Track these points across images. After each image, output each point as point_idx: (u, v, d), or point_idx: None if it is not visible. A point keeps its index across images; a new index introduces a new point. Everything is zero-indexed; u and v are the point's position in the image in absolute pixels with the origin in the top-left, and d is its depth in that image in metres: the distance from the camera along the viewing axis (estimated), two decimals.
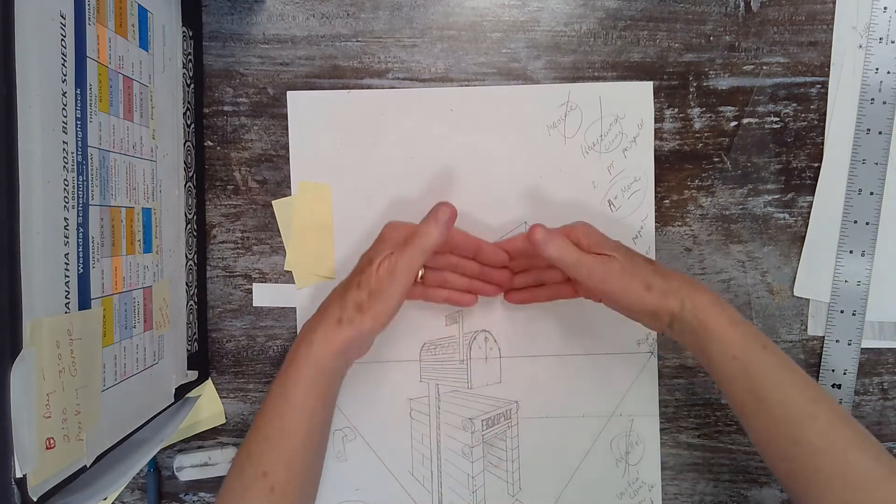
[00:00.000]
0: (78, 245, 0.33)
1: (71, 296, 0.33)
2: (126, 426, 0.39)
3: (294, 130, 0.50)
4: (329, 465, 0.51)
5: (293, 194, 0.51)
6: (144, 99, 0.41)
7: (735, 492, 0.52)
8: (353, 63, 0.50)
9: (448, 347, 0.51)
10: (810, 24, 0.49)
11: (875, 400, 0.51)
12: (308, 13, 0.50)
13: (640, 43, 0.50)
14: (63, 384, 0.31)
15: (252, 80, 0.50)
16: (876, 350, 0.51)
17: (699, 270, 0.51)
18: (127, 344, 0.39)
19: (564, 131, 0.50)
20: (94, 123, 0.35)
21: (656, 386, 0.51)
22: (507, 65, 0.50)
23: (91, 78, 0.35)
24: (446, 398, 0.51)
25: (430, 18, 0.50)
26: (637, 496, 0.51)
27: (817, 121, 0.50)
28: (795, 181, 0.50)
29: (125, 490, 0.52)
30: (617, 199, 0.50)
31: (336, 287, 0.43)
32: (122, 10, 0.38)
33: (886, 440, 0.51)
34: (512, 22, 0.50)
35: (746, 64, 0.50)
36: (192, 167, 0.48)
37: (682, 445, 0.52)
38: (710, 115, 0.50)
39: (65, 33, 0.32)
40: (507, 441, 0.51)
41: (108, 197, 0.37)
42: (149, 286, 0.42)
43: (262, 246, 0.51)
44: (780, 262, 0.51)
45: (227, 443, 0.52)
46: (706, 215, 0.51)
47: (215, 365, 0.51)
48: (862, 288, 0.50)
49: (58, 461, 0.31)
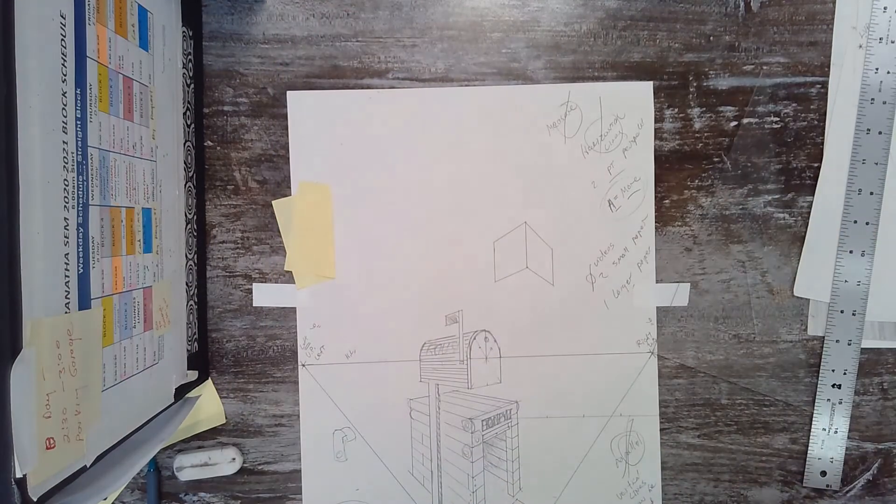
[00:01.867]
0: (78, 245, 0.33)
1: (71, 296, 0.33)
2: (126, 426, 0.39)
3: (294, 130, 0.50)
4: (329, 465, 0.51)
5: (293, 194, 0.51)
6: (144, 99, 0.41)
7: (735, 492, 0.52)
8: (353, 63, 0.50)
9: (448, 347, 0.51)
10: (810, 24, 0.49)
11: (875, 400, 0.51)
12: (308, 13, 0.50)
13: (640, 43, 0.50)
14: (63, 384, 0.31)
15: (252, 80, 0.50)
16: (876, 350, 0.51)
17: (699, 270, 0.51)
18: (127, 344, 0.39)
19: (564, 131, 0.50)
20: (94, 123, 0.35)
21: (656, 386, 0.51)
22: (507, 65, 0.50)
23: (91, 78, 0.35)
24: (446, 398, 0.51)
25: (430, 18, 0.50)
26: (637, 496, 0.51)
27: (817, 121, 0.50)
28: (795, 181, 0.50)
29: (125, 490, 0.52)
30: (617, 199, 0.50)
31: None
32: (122, 10, 0.38)
33: (886, 440, 0.51)
34: (512, 22, 0.50)
35: (746, 64, 0.50)
36: (192, 167, 0.48)
37: (682, 445, 0.52)
38: (710, 115, 0.50)
39: (65, 33, 0.32)
40: (507, 441, 0.51)
41: (108, 197, 0.37)
42: (149, 286, 0.42)
43: (262, 246, 0.51)
44: (780, 262, 0.51)
45: (227, 443, 0.52)
46: (706, 215, 0.51)
47: (215, 365, 0.51)
48: (862, 288, 0.50)
49: (58, 461, 0.31)
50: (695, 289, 0.51)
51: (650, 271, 0.51)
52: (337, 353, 0.51)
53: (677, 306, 0.51)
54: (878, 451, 0.51)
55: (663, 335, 0.51)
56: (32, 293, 0.29)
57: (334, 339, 0.51)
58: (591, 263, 0.51)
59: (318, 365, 0.51)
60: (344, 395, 0.51)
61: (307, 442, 0.51)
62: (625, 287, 0.51)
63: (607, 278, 0.51)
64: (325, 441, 0.51)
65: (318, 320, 0.51)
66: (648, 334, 0.51)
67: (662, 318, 0.51)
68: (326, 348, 0.51)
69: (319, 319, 0.51)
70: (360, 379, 0.51)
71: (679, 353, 0.51)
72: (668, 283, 0.51)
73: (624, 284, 0.51)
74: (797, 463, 0.51)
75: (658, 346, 0.51)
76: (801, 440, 0.51)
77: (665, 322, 0.51)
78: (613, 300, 0.51)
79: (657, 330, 0.51)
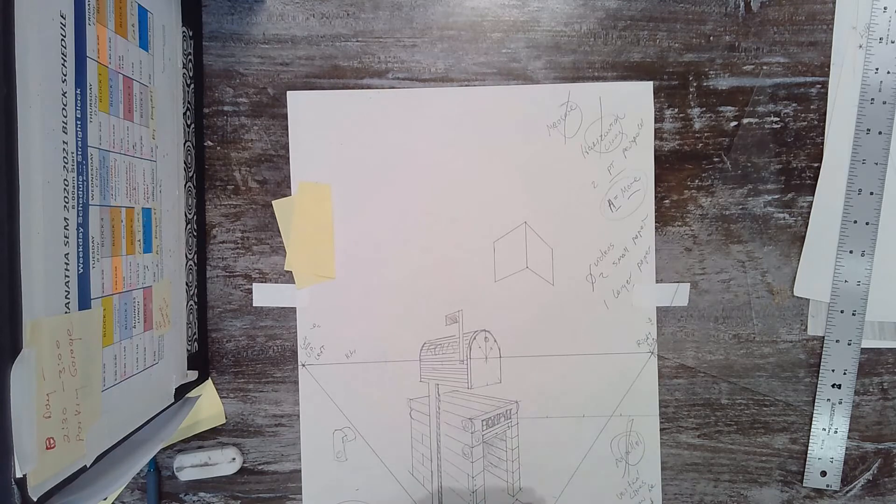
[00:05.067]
0: (78, 245, 0.33)
1: (71, 296, 0.33)
2: (126, 426, 0.39)
3: (294, 130, 0.50)
4: (329, 465, 0.51)
5: (293, 194, 0.51)
6: (144, 99, 0.41)
7: (735, 492, 0.52)
8: (353, 63, 0.50)
9: (448, 347, 0.51)
10: (810, 24, 0.49)
11: (875, 400, 0.51)
12: (308, 13, 0.50)
13: (640, 43, 0.50)
14: (63, 384, 0.31)
15: (252, 80, 0.50)
16: (876, 350, 0.51)
17: (699, 270, 0.51)
18: (127, 344, 0.39)
19: (564, 131, 0.50)
20: (94, 123, 0.35)
21: (656, 386, 0.51)
22: (507, 65, 0.50)
23: (91, 78, 0.35)
24: (446, 398, 0.51)
25: (430, 18, 0.50)
26: (637, 496, 0.51)
27: (817, 121, 0.50)
28: (795, 181, 0.50)
29: (125, 490, 0.52)
30: (617, 199, 0.50)
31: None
32: (122, 10, 0.38)
33: (886, 440, 0.51)
34: (512, 22, 0.50)
35: (746, 64, 0.50)
36: (192, 167, 0.48)
37: (682, 445, 0.52)
38: (710, 115, 0.50)
39: (65, 33, 0.32)
40: (507, 441, 0.51)
41: (108, 197, 0.37)
42: (149, 286, 0.42)
43: (262, 246, 0.51)
44: (780, 262, 0.51)
45: (227, 443, 0.52)
46: (706, 215, 0.51)
47: (215, 365, 0.51)
48: (862, 288, 0.50)
49: (58, 461, 0.31)
50: (695, 289, 0.51)
51: (650, 271, 0.51)
52: (337, 353, 0.51)
53: (677, 306, 0.51)
54: (878, 451, 0.51)
55: (663, 335, 0.51)
56: (32, 293, 0.29)
57: (334, 339, 0.51)
58: (591, 263, 0.51)
59: (318, 365, 0.51)
60: (344, 395, 0.51)
61: (307, 442, 0.51)
62: (625, 287, 0.51)
63: (607, 278, 0.51)
64: (325, 441, 0.51)
65: (318, 320, 0.51)
66: (648, 334, 0.51)
67: (662, 318, 0.51)
68: (326, 348, 0.51)
69: (319, 319, 0.51)
70: (360, 379, 0.51)
71: (679, 353, 0.51)
72: (668, 283, 0.51)
73: (624, 284, 0.51)
74: (797, 463, 0.51)
75: (658, 346, 0.51)
76: (801, 440, 0.51)
77: (665, 322, 0.51)
78: (613, 300, 0.51)
79: (657, 330, 0.51)
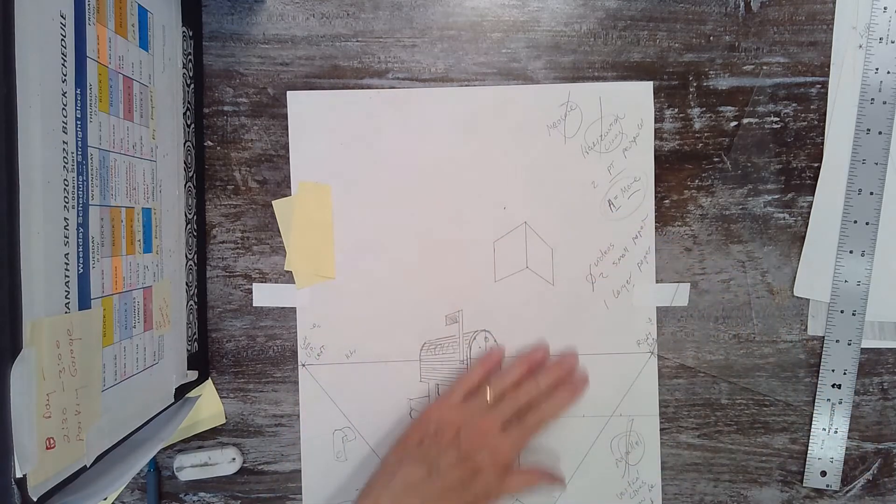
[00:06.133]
0: (78, 245, 0.33)
1: (71, 296, 0.33)
2: (126, 426, 0.39)
3: (294, 130, 0.50)
4: (329, 465, 0.51)
5: (293, 194, 0.51)
6: (144, 99, 0.41)
7: (735, 492, 0.52)
8: (353, 63, 0.50)
9: (448, 347, 0.51)
10: (810, 24, 0.49)
11: (875, 400, 0.51)
12: (308, 13, 0.50)
13: (640, 43, 0.50)
14: (63, 384, 0.31)
15: (252, 80, 0.50)
16: (876, 350, 0.51)
17: (699, 270, 0.51)
18: (127, 344, 0.39)
19: (564, 131, 0.50)
20: (94, 123, 0.35)
21: (656, 386, 0.51)
22: (507, 65, 0.50)
23: (91, 78, 0.35)
24: None
25: (430, 18, 0.50)
26: (637, 496, 0.51)
27: (817, 121, 0.50)
28: (795, 181, 0.50)
29: (125, 490, 0.52)
30: (617, 199, 0.50)
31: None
32: (122, 10, 0.38)
33: (886, 440, 0.51)
34: (512, 22, 0.50)
35: (746, 64, 0.50)
36: (192, 167, 0.48)
37: (682, 445, 0.52)
38: (710, 115, 0.50)
39: (65, 33, 0.32)
40: None
41: (108, 197, 0.37)
42: (149, 286, 0.42)
43: (262, 246, 0.51)
44: (780, 262, 0.51)
45: (227, 443, 0.52)
46: (706, 215, 0.51)
47: (215, 365, 0.51)
48: (862, 288, 0.50)
49: (58, 461, 0.31)
50: (695, 289, 0.51)
51: (650, 271, 0.51)
52: (337, 353, 0.51)
53: (677, 306, 0.51)
54: (878, 451, 0.51)
55: (663, 335, 0.51)
56: (32, 293, 0.29)
57: (334, 339, 0.51)
58: (591, 263, 0.51)
59: (318, 365, 0.51)
60: (344, 395, 0.51)
61: (307, 442, 0.51)
62: (625, 287, 0.51)
63: (607, 278, 0.51)
64: (325, 441, 0.51)
65: (318, 320, 0.51)
66: (648, 334, 0.51)
67: (662, 318, 0.51)
68: (326, 348, 0.51)
69: (319, 319, 0.51)
70: (360, 379, 0.51)
71: (679, 353, 0.51)
72: (668, 283, 0.51)
73: (624, 284, 0.51)
74: (797, 463, 0.51)
75: (658, 346, 0.51)
76: (801, 440, 0.51)
77: (665, 322, 0.51)
78: (613, 300, 0.51)
79: (657, 330, 0.51)
